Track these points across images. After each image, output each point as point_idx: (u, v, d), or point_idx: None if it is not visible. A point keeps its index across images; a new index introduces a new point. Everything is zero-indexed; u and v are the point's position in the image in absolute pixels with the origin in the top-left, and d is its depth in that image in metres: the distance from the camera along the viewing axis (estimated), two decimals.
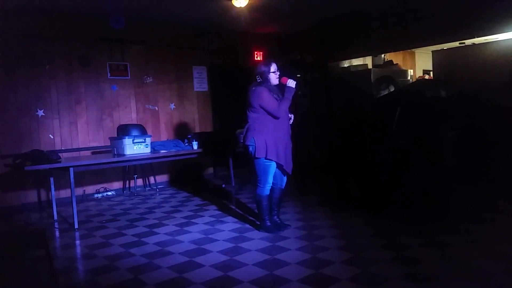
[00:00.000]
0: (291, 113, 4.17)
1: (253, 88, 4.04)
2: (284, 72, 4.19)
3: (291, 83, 4.03)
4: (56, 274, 2.97)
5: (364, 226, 4.22)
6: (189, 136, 6.27)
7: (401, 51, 8.96)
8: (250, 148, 4.02)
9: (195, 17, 7.02)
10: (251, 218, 4.73)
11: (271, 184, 4.12)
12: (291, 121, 4.18)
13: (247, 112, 4.09)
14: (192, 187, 7.00)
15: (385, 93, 5.08)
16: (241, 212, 5.07)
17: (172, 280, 3.14)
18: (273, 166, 4.05)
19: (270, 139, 3.97)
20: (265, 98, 3.96)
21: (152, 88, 7.27)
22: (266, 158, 3.98)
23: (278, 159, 4.00)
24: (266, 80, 4.04)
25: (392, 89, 5.10)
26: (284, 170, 4.15)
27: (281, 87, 4.10)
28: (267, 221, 4.17)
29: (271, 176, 4.08)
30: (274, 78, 4.07)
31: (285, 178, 4.25)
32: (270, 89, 4.03)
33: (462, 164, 5.22)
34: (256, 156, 3.98)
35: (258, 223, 4.31)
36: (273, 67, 4.07)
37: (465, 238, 3.69)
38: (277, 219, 4.28)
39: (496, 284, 2.84)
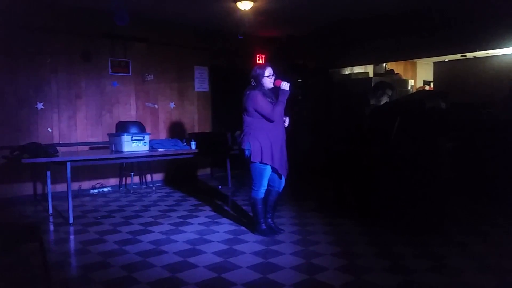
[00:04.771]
0: (286, 115, 4.16)
1: (247, 92, 4.05)
2: (279, 76, 4.15)
3: (285, 85, 4.02)
4: (50, 268, 2.96)
5: (359, 234, 4.22)
6: (188, 136, 6.27)
7: (402, 61, 9.01)
8: (246, 152, 4.03)
9: (199, 17, 7.03)
10: (246, 220, 4.73)
11: (265, 187, 4.13)
12: (286, 123, 4.18)
13: (243, 116, 4.09)
14: (188, 187, 6.99)
15: (384, 99, 5.08)
16: (236, 214, 5.06)
17: (165, 280, 3.13)
18: (268, 170, 4.06)
19: (265, 143, 3.97)
20: (259, 102, 3.96)
21: (152, 86, 7.27)
22: (261, 162, 3.99)
23: (273, 163, 4.02)
24: (260, 84, 4.04)
25: (389, 93, 5.07)
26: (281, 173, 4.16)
27: (276, 90, 4.09)
28: (262, 224, 4.17)
29: (266, 179, 4.10)
30: (268, 82, 4.06)
31: (283, 181, 4.24)
32: (264, 92, 4.03)
33: (459, 176, 5.24)
34: (252, 160, 4.00)
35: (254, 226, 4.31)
36: (268, 71, 4.05)
37: (459, 250, 3.70)
38: (271, 223, 4.27)
39: None
